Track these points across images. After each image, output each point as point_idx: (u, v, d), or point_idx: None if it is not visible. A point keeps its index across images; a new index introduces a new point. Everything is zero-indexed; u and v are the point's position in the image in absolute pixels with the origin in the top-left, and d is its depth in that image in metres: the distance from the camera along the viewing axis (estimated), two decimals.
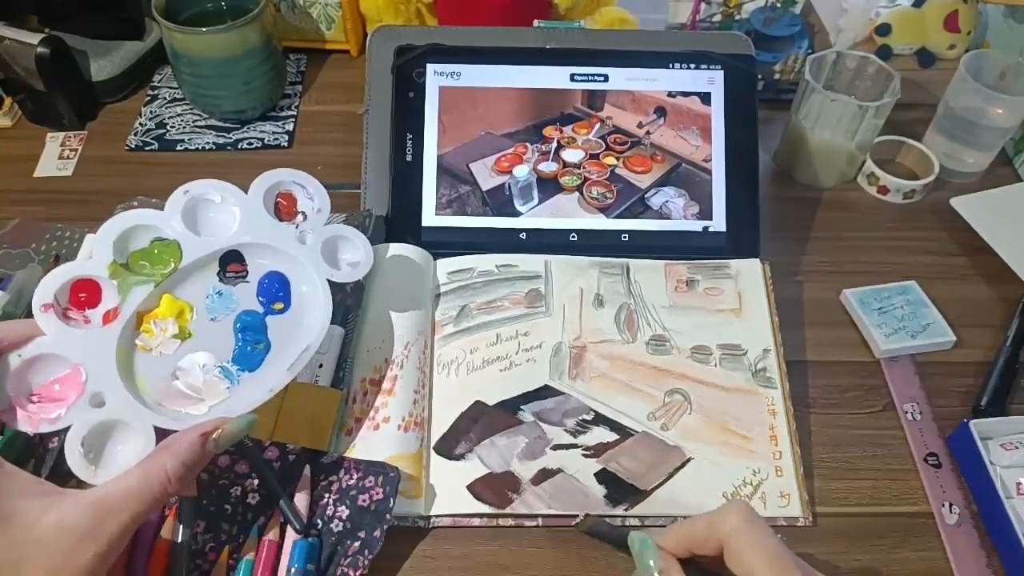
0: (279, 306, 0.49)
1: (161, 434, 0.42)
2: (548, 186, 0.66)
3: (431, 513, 0.53)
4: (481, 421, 0.56)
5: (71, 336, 0.42)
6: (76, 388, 0.42)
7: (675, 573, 0.38)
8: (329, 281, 0.50)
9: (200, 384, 0.46)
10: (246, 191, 0.49)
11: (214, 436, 0.42)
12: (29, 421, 0.40)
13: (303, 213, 0.51)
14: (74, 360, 0.42)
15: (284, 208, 0.51)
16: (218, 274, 0.48)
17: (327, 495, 0.52)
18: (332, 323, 0.53)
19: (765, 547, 0.37)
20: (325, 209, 0.52)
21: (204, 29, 0.72)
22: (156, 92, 0.84)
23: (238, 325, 0.48)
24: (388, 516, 0.51)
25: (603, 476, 0.54)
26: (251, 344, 0.48)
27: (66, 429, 0.41)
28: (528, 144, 0.66)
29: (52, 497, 0.35)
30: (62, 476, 0.44)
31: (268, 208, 0.50)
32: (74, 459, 0.40)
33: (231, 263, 0.48)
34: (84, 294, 0.44)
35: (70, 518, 0.35)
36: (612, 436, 0.56)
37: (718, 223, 0.65)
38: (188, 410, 0.45)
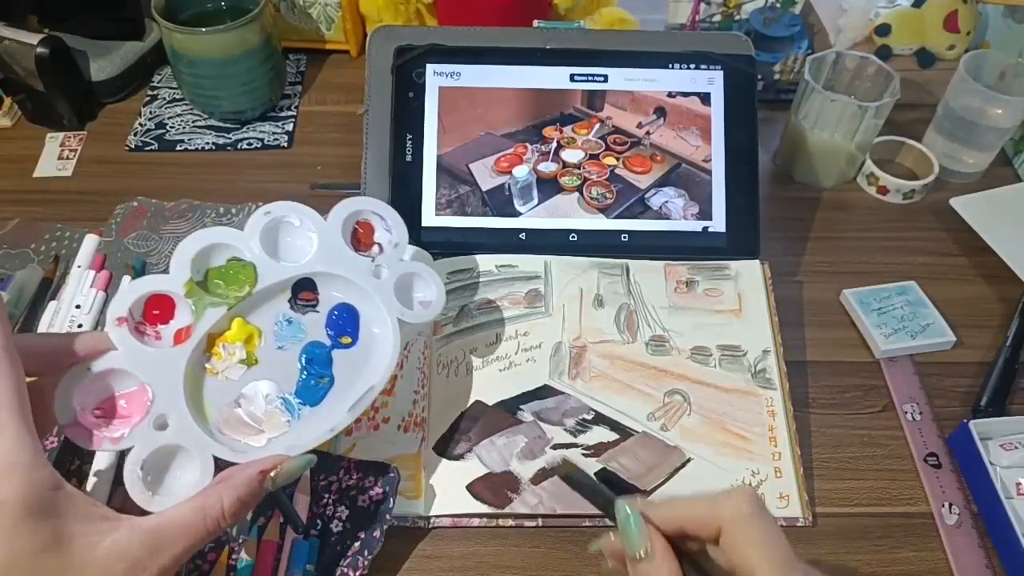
0: (347, 340, 0.47)
1: (218, 463, 0.41)
2: (548, 186, 0.66)
3: (431, 513, 0.53)
4: (481, 421, 0.56)
5: (142, 353, 0.41)
6: (141, 408, 0.40)
7: (661, 555, 0.35)
8: None
9: (261, 414, 0.44)
10: (324, 217, 0.47)
11: (272, 474, 0.40)
12: (91, 438, 0.39)
13: (379, 245, 0.50)
14: (142, 378, 0.41)
15: (361, 238, 0.49)
16: (289, 301, 0.46)
17: (327, 495, 0.52)
18: None
19: (769, 543, 0.34)
20: (402, 244, 0.50)
21: (204, 29, 0.72)
22: (156, 92, 0.84)
23: (304, 356, 0.46)
24: (388, 516, 0.51)
25: (603, 476, 0.54)
26: (315, 377, 0.46)
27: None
28: (528, 144, 0.66)
29: (109, 522, 0.35)
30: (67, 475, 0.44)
31: (345, 237, 0.48)
32: (132, 482, 0.39)
33: (303, 291, 0.47)
34: (157, 310, 0.42)
35: (125, 546, 0.34)
36: (612, 436, 0.56)
37: (718, 223, 0.65)
38: (248, 441, 0.43)
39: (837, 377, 0.62)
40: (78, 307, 0.62)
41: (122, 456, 0.40)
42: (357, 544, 0.50)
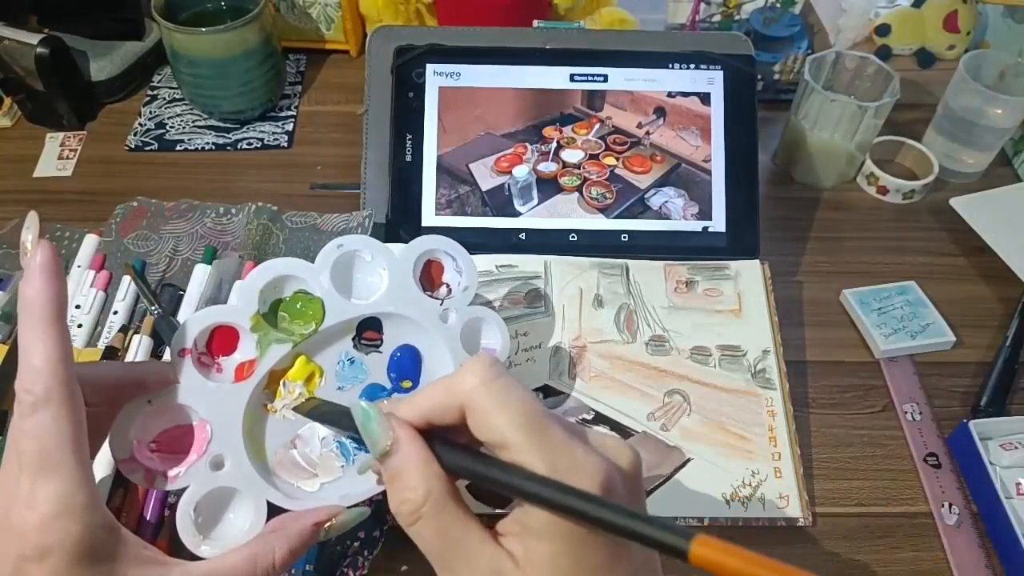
0: (407, 384, 0.45)
1: (271, 507, 0.39)
2: (548, 186, 0.66)
3: None
4: None
5: (204, 388, 0.39)
6: (199, 446, 0.39)
7: (406, 442, 0.31)
8: None
9: (315, 457, 0.42)
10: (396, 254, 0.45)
11: (326, 526, 0.38)
12: (146, 476, 0.38)
13: (447, 286, 0.48)
14: (202, 415, 0.39)
15: (430, 277, 0.47)
16: (353, 339, 0.44)
17: None
18: None
19: (512, 402, 0.30)
20: (472, 287, 0.48)
21: (204, 29, 0.72)
22: (156, 92, 0.84)
23: (364, 399, 0.43)
24: (388, 516, 0.51)
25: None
26: None
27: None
28: (528, 144, 0.66)
29: (161, 568, 0.33)
30: None
31: (415, 276, 0.46)
32: (184, 524, 0.37)
33: (367, 329, 0.44)
34: (220, 340, 0.40)
35: None
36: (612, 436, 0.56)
37: (718, 223, 0.65)
38: (301, 484, 0.41)
39: (837, 377, 0.62)
40: (78, 307, 0.62)
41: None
42: (357, 544, 0.50)
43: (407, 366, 0.46)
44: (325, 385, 0.43)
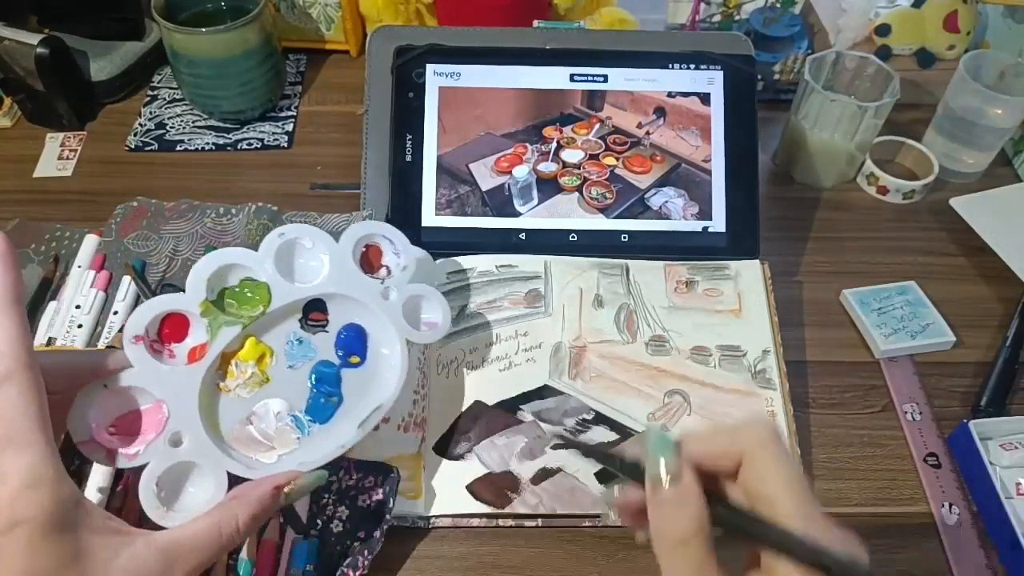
0: (355, 360, 0.48)
1: (231, 478, 0.41)
2: (548, 186, 0.66)
3: (431, 513, 0.53)
4: (480, 421, 0.56)
5: (158, 371, 0.41)
6: (156, 425, 0.41)
7: (691, 478, 0.33)
8: None
9: (272, 431, 0.45)
10: (336, 239, 0.48)
11: (286, 489, 0.41)
12: (107, 455, 0.40)
13: (387, 267, 0.51)
14: (157, 396, 0.41)
15: (370, 261, 0.50)
16: (300, 321, 0.47)
17: (327, 495, 0.52)
18: None
19: (789, 472, 0.33)
20: (411, 267, 0.51)
21: (204, 29, 0.72)
22: (156, 92, 0.84)
23: (314, 375, 0.47)
24: (388, 516, 0.51)
25: (603, 475, 0.54)
26: (324, 396, 0.47)
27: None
28: (528, 144, 0.66)
29: (124, 537, 0.35)
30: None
31: (356, 259, 0.49)
32: (147, 499, 0.39)
33: (313, 311, 0.47)
34: (171, 328, 0.43)
35: (140, 561, 0.35)
36: (612, 436, 0.56)
37: (718, 223, 0.65)
38: (259, 457, 0.44)
39: (837, 377, 0.62)
40: (78, 307, 0.62)
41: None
42: (357, 544, 0.50)
43: (353, 343, 0.49)
44: (276, 364, 0.46)
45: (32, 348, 0.34)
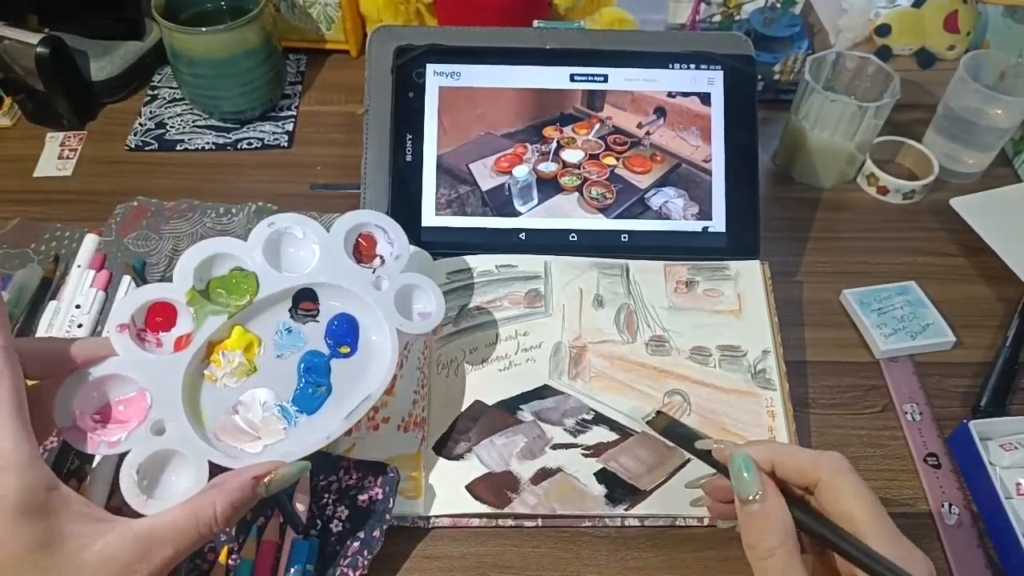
0: (345, 349, 0.48)
1: (214, 468, 0.41)
2: (548, 186, 0.66)
3: (430, 513, 0.53)
4: (480, 421, 0.56)
5: (143, 360, 0.41)
6: (139, 413, 0.41)
7: (773, 496, 0.38)
8: None
9: (258, 421, 0.45)
10: (327, 229, 0.48)
11: (266, 480, 0.41)
12: (89, 442, 0.40)
13: (381, 257, 0.50)
14: (141, 384, 0.41)
15: (363, 250, 0.50)
16: (290, 310, 0.47)
17: (327, 495, 0.52)
18: None
19: (866, 495, 0.38)
20: (404, 256, 0.50)
21: (204, 29, 0.72)
22: (156, 92, 0.84)
23: (303, 365, 0.47)
24: (388, 516, 0.51)
25: (603, 476, 0.54)
26: (313, 386, 0.46)
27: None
28: (528, 144, 0.66)
29: (102, 524, 0.35)
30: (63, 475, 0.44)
31: (348, 249, 0.49)
32: (128, 486, 0.39)
33: (304, 301, 0.47)
34: (160, 317, 0.43)
35: (116, 548, 0.35)
36: (612, 436, 0.56)
37: (718, 223, 0.65)
38: (244, 447, 0.44)
39: (837, 377, 0.62)
40: (78, 307, 0.62)
41: (122, 458, 0.40)
42: (357, 544, 0.50)
43: (344, 333, 0.48)
44: (264, 353, 0.46)
45: (10, 334, 0.34)
